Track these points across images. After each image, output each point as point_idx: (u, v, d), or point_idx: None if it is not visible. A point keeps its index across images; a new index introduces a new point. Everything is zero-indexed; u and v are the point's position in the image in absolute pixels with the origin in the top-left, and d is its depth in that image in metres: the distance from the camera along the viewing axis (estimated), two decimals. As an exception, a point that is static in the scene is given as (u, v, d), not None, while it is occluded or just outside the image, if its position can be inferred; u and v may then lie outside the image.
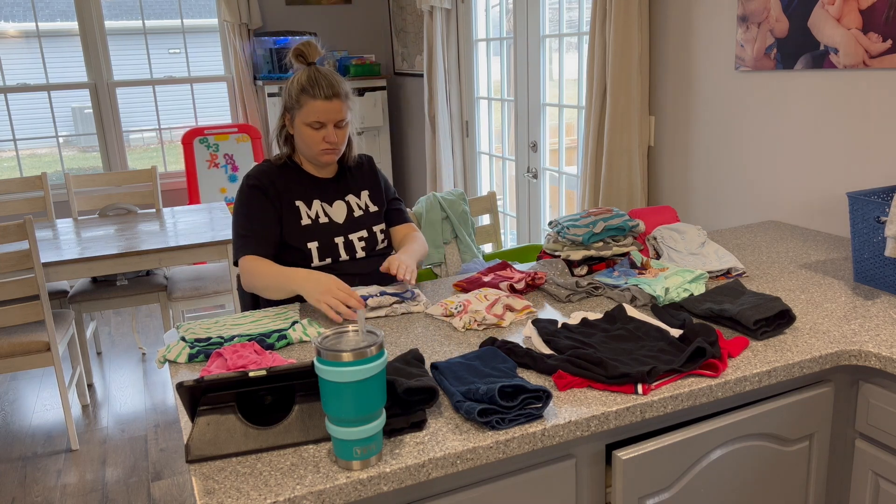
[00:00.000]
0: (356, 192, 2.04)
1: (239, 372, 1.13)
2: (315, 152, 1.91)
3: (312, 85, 1.85)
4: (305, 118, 1.87)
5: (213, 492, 1.02)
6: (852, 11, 2.01)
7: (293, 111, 1.90)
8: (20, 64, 4.83)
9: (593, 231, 1.87)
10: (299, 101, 1.86)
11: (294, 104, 1.88)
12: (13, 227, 2.77)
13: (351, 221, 1.99)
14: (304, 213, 1.93)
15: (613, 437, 1.27)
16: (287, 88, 1.91)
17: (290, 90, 1.89)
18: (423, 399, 1.17)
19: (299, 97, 1.86)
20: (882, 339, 1.41)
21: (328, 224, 1.95)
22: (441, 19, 4.23)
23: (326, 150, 1.90)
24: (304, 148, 1.93)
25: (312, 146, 1.90)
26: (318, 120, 1.86)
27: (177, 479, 2.80)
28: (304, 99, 1.85)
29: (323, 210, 1.97)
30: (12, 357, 2.91)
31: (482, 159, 4.41)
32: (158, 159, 5.31)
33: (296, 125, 1.90)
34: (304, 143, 1.91)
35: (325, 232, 1.94)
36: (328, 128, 1.87)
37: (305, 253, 1.91)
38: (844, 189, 2.15)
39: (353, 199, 2.02)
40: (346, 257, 1.96)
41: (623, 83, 2.70)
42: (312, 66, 1.89)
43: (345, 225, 1.97)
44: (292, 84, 1.89)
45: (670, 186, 2.79)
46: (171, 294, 3.56)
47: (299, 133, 1.91)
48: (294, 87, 1.87)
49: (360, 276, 1.97)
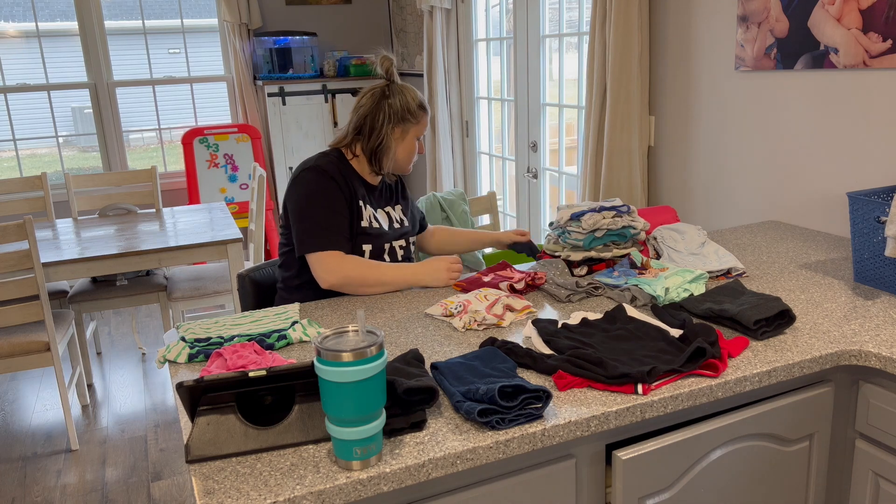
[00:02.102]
0: (393, 204, 2.11)
1: (239, 372, 1.13)
2: (410, 161, 2.05)
3: (424, 101, 2.04)
4: (419, 131, 2.03)
5: (212, 492, 1.02)
6: (852, 11, 2.01)
7: (408, 125, 2.00)
8: (20, 64, 4.83)
9: (595, 236, 1.87)
10: (416, 117, 2.00)
11: (412, 119, 2.00)
12: (13, 227, 2.77)
13: (393, 230, 2.04)
14: (365, 214, 1.97)
15: (613, 437, 1.27)
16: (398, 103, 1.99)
17: (405, 106, 1.99)
18: (423, 399, 1.17)
19: (417, 113, 2.00)
20: (882, 339, 1.41)
21: (379, 228, 1.99)
22: (441, 19, 4.23)
23: (416, 159, 2.09)
24: (403, 157, 2.03)
25: (411, 156, 2.05)
26: (423, 134, 2.05)
27: (177, 479, 2.80)
28: (422, 115, 2.02)
29: (375, 216, 2.01)
30: (12, 357, 2.91)
31: (482, 159, 4.41)
32: (158, 159, 5.31)
33: (408, 139, 2.02)
34: (406, 153, 2.03)
35: (378, 236, 1.98)
36: (420, 142, 2.07)
37: (358, 253, 1.94)
38: (844, 189, 2.15)
39: (390, 210, 2.09)
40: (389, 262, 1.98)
41: (623, 83, 2.70)
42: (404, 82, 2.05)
43: (390, 232, 2.02)
44: (407, 99, 2.00)
45: (670, 186, 2.79)
46: (171, 294, 3.56)
47: (406, 145, 2.02)
48: (413, 104, 2.00)
49: None
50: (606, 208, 1.90)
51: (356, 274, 1.84)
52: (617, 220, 1.88)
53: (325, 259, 1.85)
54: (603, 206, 1.90)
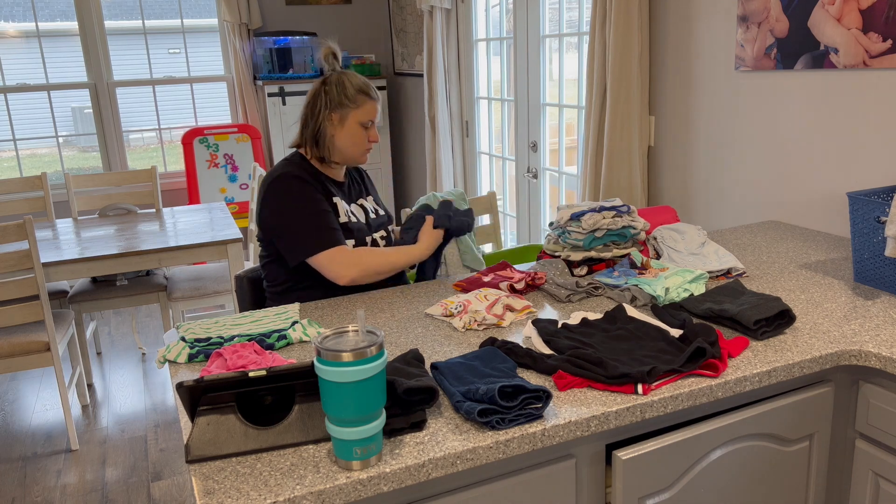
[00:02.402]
0: (364, 195, 2.08)
1: (239, 372, 1.13)
2: (360, 151, 1.96)
3: (368, 86, 1.94)
4: (362, 117, 1.93)
5: (212, 492, 1.02)
6: (852, 11, 2.01)
7: (347, 109, 1.92)
8: (20, 64, 4.83)
9: (595, 236, 1.87)
10: (356, 101, 1.92)
11: (350, 103, 1.92)
12: (13, 227, 2.77)
13: (372, 222, 2.03)
14: (341, 210, 1.95)
15: (613, 437, 1.27)
16: (335, 89, 1.93)
17: (342, 90, 1.92)
18: (423, 399, 1.17)
19: (356, 97, 1.92)
20: (882, 339, 1.41)
21: (358, 223, 1.97)
22: (441, 19, 4.23)
23: (370, 148, 1.97)
24: (350, 146, 1.94)
25: (360, 144, 1.95)
26: (371, 119, 1.94)
27: (177, 479, 2.80)
28: (363, 99, 1.92)
29: (352, 211, 2.00)
30: (12, 357, 2.91)
31: (482, 159, 4.41)
32: (158, 159, 5.31)
33: (347, 124, 1.93)
34: (351, 141, 1.94)
35: (359, 230, 1.96)
36: (373, 129, 1.95)
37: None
38: (844, 189, 2.15)
39: (364, 202, 2.06)
40: None
41: (623, 83, 2.70)
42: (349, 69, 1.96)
43: (368, 225, 2.01)
44: (343, 84, 1.93)
45: (670, 186, 2.79)
46: (171, 294, 3.56)
47: (349, 132, 1.93)
48: (349, 88, 1.92)
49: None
50: (606, 208, 1.90)
51: (374, 262, 1.83)
52: (617, 220, 1.88)
53: (335, 256, 1.83)
54: (603, 206, 1.90)
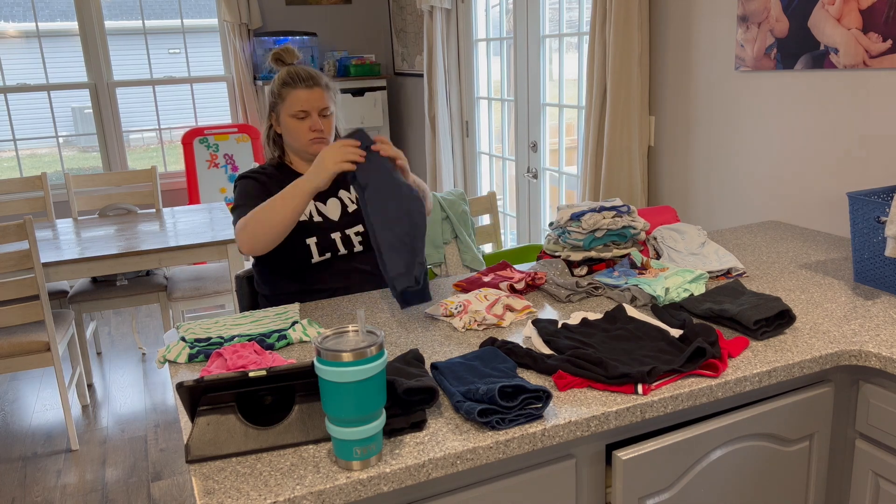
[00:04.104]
0: (346, 187, 2.05)
1: (239, 372, 1.13)
2: (304, 143, 1.93)
3: (292, 77, 1.91)
4: (290, 109, 1.91)
5: (212, 492, 1.02)
6: (852, 11, 2.01)
7: (277, 107, 1.94)
8: (20, 64, 4.83)
9: (595, 236, 1.87)
10: (281, 95, 1.92)
11: (277, 99, 1.93)
12: (13, 227, 2.77)
13: (346, 217, 2.00)
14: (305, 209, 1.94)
15: (613, 437, 1.27)
16: (269, 90, 1.97)
17: (272, 89, 1.96)
18: (423, 399, 1.17)
19: (281, 91, 1.92)
20: (882, 339, 1.41)
21: (322, 222, 1.95)
22: (441, 19, 4.23)
23: (315, 139, 1.92)
24: (293, 141, 1.95)
25: (300, 137, 1.92)
26: (301, 109, 1.90)
27: (177, 479, 2.80)
28: (286, 91, 1.91)
29: (317, 209, 1.97)
30: (12, 357, 2.91)
31: (482, 159, 4.41)
32: (158, 159, 5.31)
33: (282, 120, 1.94)
34: (291, 136, 1.94)
35: (322, 228, 1.94)
36: (312, 116, 1.91)
37: (304, 248, 1.92)
38: (844, 189, 2.15)
39: (345, 194, 2.03)
40: (345, 251, 1.96)
41: (623, 83, 2.70)
42: (290, 65, 1.96)
43: (341, 221, 1.98)
44: (273, 82, 1.96)
45: (670, 186, 2.79)
46: (171, 294, 3.56)
47: (286, 127, 1.94)
48: (275, 84, 1.94)
49: (360, 270, 1.98)
50: (606, 208, 1.90)
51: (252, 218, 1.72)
52: (617, 220, 1.88)
53: (240, 227, 1.77)
54: (603, 206, 1.90)
